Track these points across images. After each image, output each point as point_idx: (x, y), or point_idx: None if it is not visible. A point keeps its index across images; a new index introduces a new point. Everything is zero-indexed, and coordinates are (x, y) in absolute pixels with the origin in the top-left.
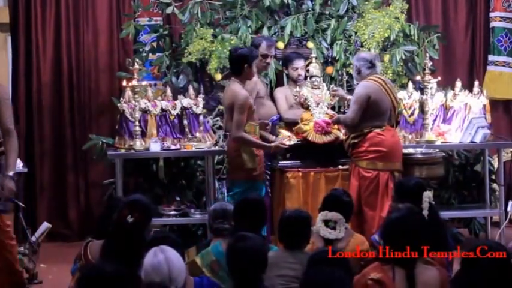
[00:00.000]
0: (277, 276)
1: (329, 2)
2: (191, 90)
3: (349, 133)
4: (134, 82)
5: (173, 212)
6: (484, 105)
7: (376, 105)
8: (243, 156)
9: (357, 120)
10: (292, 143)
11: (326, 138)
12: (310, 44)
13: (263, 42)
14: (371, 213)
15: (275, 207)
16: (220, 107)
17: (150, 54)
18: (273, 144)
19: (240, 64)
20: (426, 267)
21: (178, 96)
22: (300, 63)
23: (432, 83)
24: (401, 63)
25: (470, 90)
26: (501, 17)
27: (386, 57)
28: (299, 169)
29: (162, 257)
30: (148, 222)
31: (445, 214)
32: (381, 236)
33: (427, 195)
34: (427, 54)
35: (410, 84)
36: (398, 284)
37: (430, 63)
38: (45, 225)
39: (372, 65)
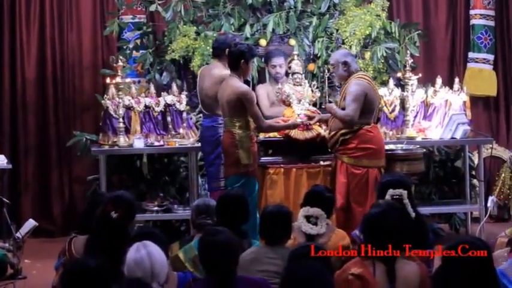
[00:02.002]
0: (259, 271)
1: (311, 0)
2: (174, 87)
3: (338, 129)
4: (118, 79)
5: (156, 208)
6: (464, 102)
7: (370, 103)
8: (239, 152)
9: (356, 119)
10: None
11: (308, 135)
12: (292, 42)
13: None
14: (360, 210)
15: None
16: None
17: (134, 52)
18: (294, 120)
19: (237, 59)
20: (406, 262)
21: (162, 93)
22: (278, 60)
23: (413, 79)
24: (382, 61)
25: (451, 87)
26: (481, 15)
27: (367, 55)
28: (281, 165)
29: (144, 252)
30: (131, 218)
31: (426, 210)
32: (361, 231)
33: (396, 193)
34: (408, 52)
35: (391, 81)
36: (379, 279)
37: (410, 60)
38: (31, 223)
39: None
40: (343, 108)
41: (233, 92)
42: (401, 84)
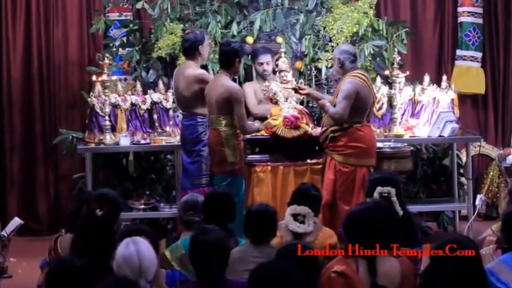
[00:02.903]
0: (244, 270)
1: None
2: (161, 85)
3: (328, 126)
4: (104, 77)
5: (143, 206)
6: (452, 100)
7: (362, 102)
8: (225, 150)
9: (346, 117)
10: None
11: (295, 133)
12: (279, 39)
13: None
14: (346, 208)
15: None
16: None
17: (120, 49)
18: (260, 125)
19: (231, 58)
20: (387, 257)
21: (148, 91)
22: (265, 58)
23: (400, 77)
24: (370, 58)
25: (439, 85)
26: (469, 12)
27: None
28: (268, 163)
29: (133, 249)
30: (117, 216)
31: (414, 208)
32: (342, 227)
33: (384, 190)
34: (396, 49)
35: (378, 79)
36: (362, 275)
37: (398, 58)
38: (16, 221)
39: (355, 59)
40: (336, 105)
41: (226, 90)
42: (388, 82)
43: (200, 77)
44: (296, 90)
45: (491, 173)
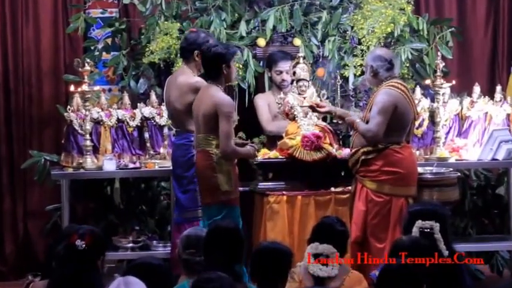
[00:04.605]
0: None
1: None
2: (153, 97)
3: (360, 146)
4: (84, 87)
5: (131, 245)
6: (508, 115)
7: (401, 118)
8: (217, 176)
9: (381, 136)
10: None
11: (316, 155)
12: (297, 41)
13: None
14: (378, 247)
15: (254, 238)
16: None
17: (104, 53)
18: (252, 148)
19: (215, 65)
20: None
21: (138, 104)
22: (285, 65)
23: (445, 88)
24: (407, 64)
25: (491, 97)
26: None
27: None
28: (283, 192)
29: None
30: (102, 251)
31: (461, 247)
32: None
33: (426, 225)
34: (439, 54)
35: (418, 90)
36: None
37: (442, 64)
38: None
39: (391, 66)
40: (368, 122)
41: (212, 102)
42: (430, 93)
43: (195, 86)
44: (313, 108)
45: None
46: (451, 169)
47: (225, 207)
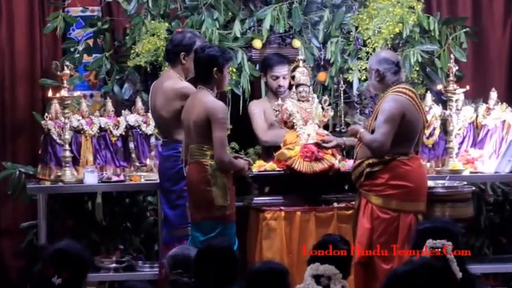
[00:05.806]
0: None
1: None
2: (139, 103)
3: (365, 158)
4: (63, 92)
5: (114, 265)
6: None
7: (409, 127)
8: (212, 190)
9: (387, 147)
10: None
11: (317, 167)
12: (296, 43)
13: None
14: (385, 268)
15: (249, 257)
16: None
17: (85, 56)
18: (246, 162)
19: (207, 68)
20: None
21: (122, 111)
22: (282, 70)
23: (458, 93)
24: (417, 68)
25: (510, 104)
26: None
27: None
28: (281, 208)
29: None
30: (81, 280)
31: (477, 268)
32: None
33: (437, 244)
34: (452, 56)
35: (428, 96)
36: None
37: (455, 68)
38: None
39: (398, 69)
40: (374, 131)
41: (203, 109)
42: (442, 99)
43: (181, 92)
44: (319, 145)
45: None
46: (465, 183)
47: (219, 224)
